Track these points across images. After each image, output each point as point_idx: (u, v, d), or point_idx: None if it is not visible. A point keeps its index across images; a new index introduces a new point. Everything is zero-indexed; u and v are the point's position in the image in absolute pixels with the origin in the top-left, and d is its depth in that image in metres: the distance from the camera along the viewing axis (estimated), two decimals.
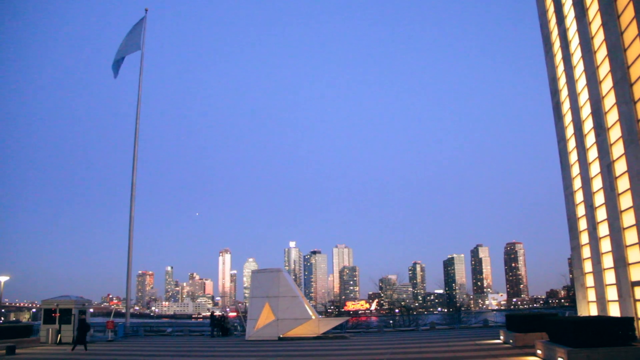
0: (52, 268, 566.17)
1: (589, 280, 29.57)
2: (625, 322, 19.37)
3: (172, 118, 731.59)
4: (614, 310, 25.26)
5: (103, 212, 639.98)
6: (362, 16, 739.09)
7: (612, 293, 25.82)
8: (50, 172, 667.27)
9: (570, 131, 31.85)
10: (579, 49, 29.27)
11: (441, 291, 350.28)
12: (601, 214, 27.06)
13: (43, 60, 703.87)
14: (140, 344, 36.95)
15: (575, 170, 31.16)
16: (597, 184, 27.54)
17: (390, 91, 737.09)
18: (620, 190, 24.21)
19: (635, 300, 22.73)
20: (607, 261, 26.37)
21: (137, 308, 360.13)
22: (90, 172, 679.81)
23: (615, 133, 24.56)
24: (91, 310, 47.55)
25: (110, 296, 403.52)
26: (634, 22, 21.46)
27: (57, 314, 37.11)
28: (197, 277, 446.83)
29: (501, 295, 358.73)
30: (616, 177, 24.50)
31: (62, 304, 37.59)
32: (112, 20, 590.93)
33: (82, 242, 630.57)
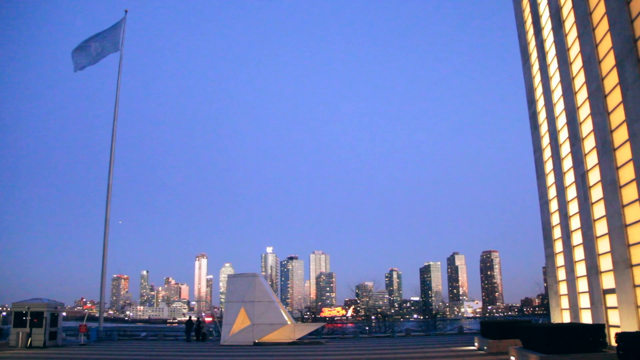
0: (24, 271, 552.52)
1: (562, 288, 29.99)
2: (597, 329, 19.68)
3: (151, 121, 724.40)
4: (586, 318, 25.63)
5: (77, 214, 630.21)
6: (350, 26, 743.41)
7: (584, 300, 26.21)
8: (22, 173, 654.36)
9: (546, 141, 32.35)
10: (555, 60, 29.77)
11: (417, 298, 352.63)
12: (575, 222, 27.48)
13: (30, 61, 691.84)
14: (113, 348, 36.30)
15: (551, 179, 31.63)
16: (571, 193, 27.98)
17: (366, 100, 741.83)
18: (593, 199, 24.62)
19: (607, 308, 23.09)
20: (580, 269, 26.76)
21: (111, 312, 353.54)
22: (65, 173, 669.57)
23: (589, 143, 25.00)
24: (64, 314, 46.55)
25: (84, 300, 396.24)
26: (608, 35, 21.88)
27: (28, 318, 36.30)
28: (172, 282, 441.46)
29: (476, 302, 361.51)
30: (590, 187, 24.92)
31: (33, 307, 36.73)
32: (100, 21, 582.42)
33: (55, 245, 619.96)
